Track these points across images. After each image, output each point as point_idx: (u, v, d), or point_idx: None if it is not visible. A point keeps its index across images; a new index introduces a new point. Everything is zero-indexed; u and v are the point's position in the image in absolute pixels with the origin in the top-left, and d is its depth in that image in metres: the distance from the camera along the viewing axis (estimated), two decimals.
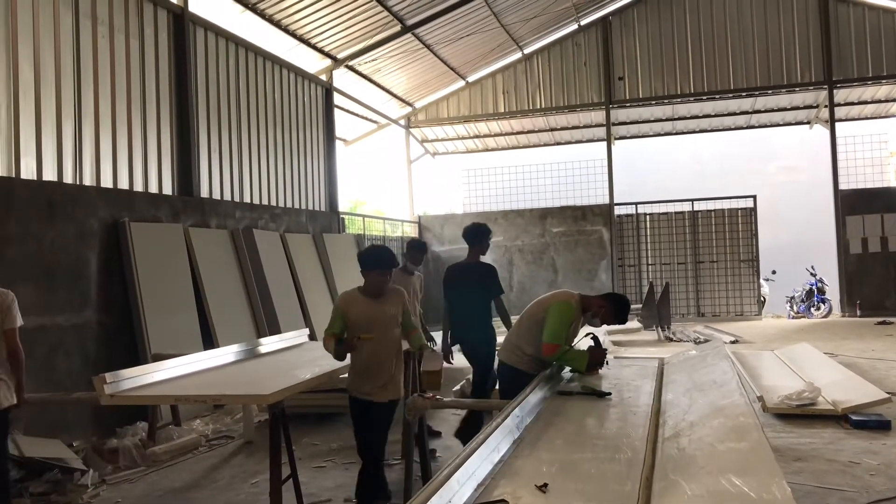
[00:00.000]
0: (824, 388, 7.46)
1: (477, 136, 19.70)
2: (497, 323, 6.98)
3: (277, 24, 11.70)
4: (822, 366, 8.94)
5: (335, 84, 14.03)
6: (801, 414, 7.04)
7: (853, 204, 16.08)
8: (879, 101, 17.63)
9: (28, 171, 7.22)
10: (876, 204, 16.02)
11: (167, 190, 9.25)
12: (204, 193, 9.89)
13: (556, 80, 17.83)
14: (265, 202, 11.45)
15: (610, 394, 4.46)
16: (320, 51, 13.17)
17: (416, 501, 2.45)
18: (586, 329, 5.32)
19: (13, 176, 7.03)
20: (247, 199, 10.93)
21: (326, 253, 11.95)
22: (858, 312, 15.77)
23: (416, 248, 7.70)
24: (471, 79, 18.10)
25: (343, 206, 14.27)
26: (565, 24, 17.41)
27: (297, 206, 12.43)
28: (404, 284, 6.49)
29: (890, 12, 15.94)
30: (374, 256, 4.67)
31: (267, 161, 11.57)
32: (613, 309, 5.25)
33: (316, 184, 13.23)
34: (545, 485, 2.82)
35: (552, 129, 19.29)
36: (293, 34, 12.18)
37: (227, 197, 10.45)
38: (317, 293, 11.29)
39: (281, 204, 11.92)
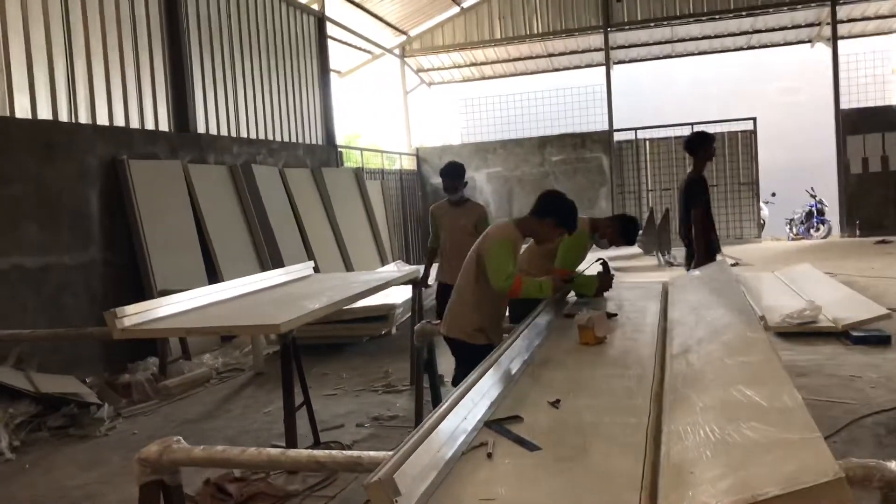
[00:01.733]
0: (825, 307, 7.56)
1: (473, 65, 19.36)
2: None
3: None
4: (822, 285, 9.03)
5: (327, 13, 13.71)
6: (803, 332, 7.15)
7: (854, 123, 15.94)
8: (883, 17, 17.24)
9: (22, 111, 7.13)
10: (877, 122, 15.87)
11: (164, 126, 9.15)
12: (201, 129, 9.78)
13: (552, 3, 17.41)
14: (262, 137, 11.34)
15: (616, 314, 4.51)
16: None
17: (435, 416, 2.51)
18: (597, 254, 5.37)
19: (8, 115, 6.94)
20: (244, 135, 10.82)
21: (326, 187, 11.89)
22: (858, 232, 15.83)
23: (449, 174, 6.40)
24: (466, 4, 17.68)
25: (339, 139, 14.13)
26: None
27: (294, 140, 12.31)
28: (455, 217, 6.16)
29: None
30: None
31: (262, 95, 11.41)
32: (621, 229, 5.29)
33: (312, 117, 13.07)
34: (557, 401, 2.88)
35: (550, 55, 18.95)
36: None
37: (224, 132, 10.34)
38: (318, 227, 11.30)
39: (278, 138, 11.81)
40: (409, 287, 6.68)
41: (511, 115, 18.81)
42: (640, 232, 15.17)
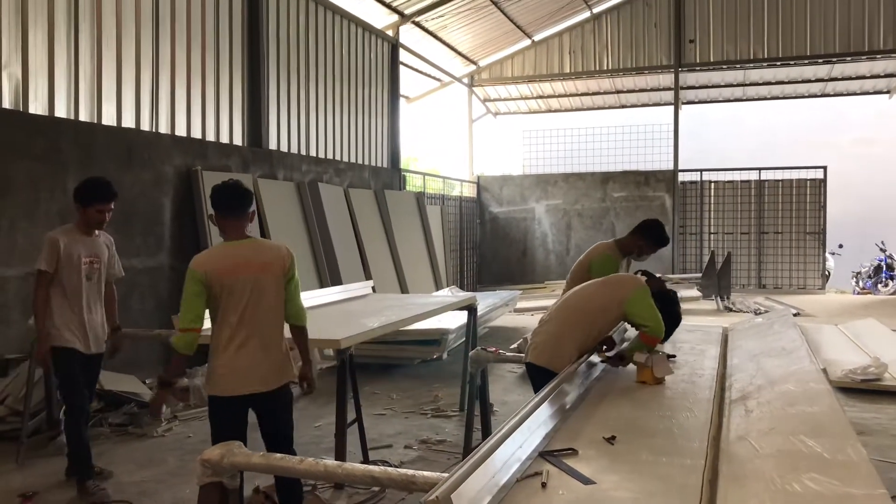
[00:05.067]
0: (891, 364, 7.31)
1: (540, 97, 19.46)
2: None
3: None
4: (888, 342, 8.74)
5: (401, 40, 14.01)
6: (866, 389, 6.92)
7: None
8: None
9: (109, 118, 7.47)
10: None
11: (237, 140, 9.45)
12: (272, 145, 10.07)
13: (624, 40, 17.42)
14: (330, 156, 11.60)
15: (674, 356, 4.47)
16: (388, 6, 13.14)
17: (492, 442, 2.54)
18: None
19: (95, 122, 7.29)
20: (313, 153, 11.09)
21: (387, 209, 12.07)
22: None
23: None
24: (537, 38, 17.83)
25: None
26: None
27: (360, 161, 12.56)
28: None
29: None
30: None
31: (333, 116, 11.69)
32: (649, 239, 5.17)
33: (379, 140, 13.32)
34: (613, 437, 2.88)
35: (618, 92, 18.94)
36: None
37: (294, 150, 10.62)
38: (377, 248, 11.45)
39: (345, 159, 12.06)
40: (464, 313, 6.71)
41: (575, 148, 18.80)
42: (701, 275, 14.99)
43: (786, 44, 16.37)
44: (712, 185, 17.12)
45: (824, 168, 16.35)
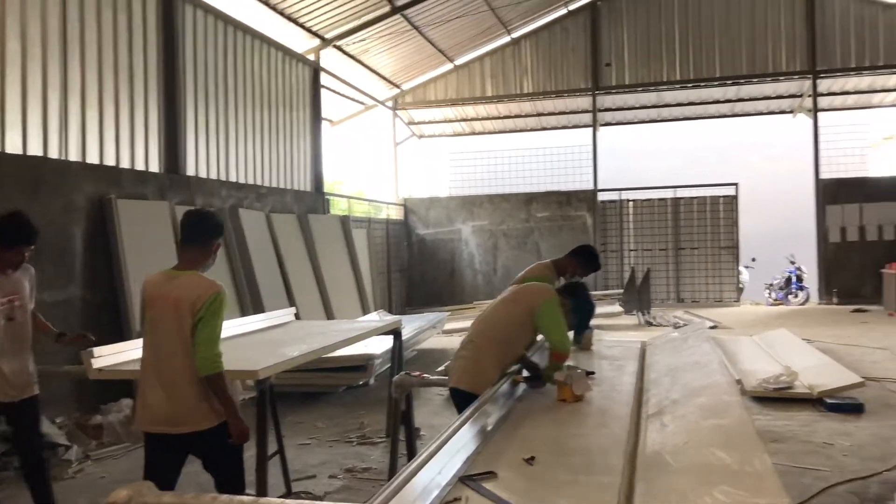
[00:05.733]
0: (801, 373, 7.62)
1: (464, 120, 19.68)
2: None
3: (266, 3, 11.60)
4: (799, 351, 9.11)
5: (322, 64, 13.96)
6: (779, 397, 7.19)
7: (833, 193, 16.28)
8: (862, 92, 17.79)
9: (13, 146, 7.16)
10: (855, 193, 16.22)
11: (154, 167, 9.20)
12: (190, 171, 9.84)
13: (543, 64, 17.83)
14: (251, 181, 11.41)
15: (594, 373, 4.54)
16: (308, 30, 13.09)
17: (407, 472, 2.52)
18: None
19: None
20: (233, 178, 10.89)
21: (311, 233, 11.94)
22: (835, 300, 16.01)
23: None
24: (459, 62, 18.06)
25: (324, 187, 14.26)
26: (553, 9, 17.39)
27: (282, 185, 12.40)
28: None
29: (873, 3, 16.08)
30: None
31: (253, 140, 11.53)
32: (584, 262, 5.33)
33: (302, 164, 13.19)
34: (532, 458, 2.89)
35: (539, 114, 19.32)
36: (281, 13, 12.09)
37: (214, 175, 10.41)
38: (301, 274, 11.29)
39: (266, 183, 11.89)
40: (390, 337, 6.67)
41: (499, 170, 19.06)
42: (622, 291, 15.35)
43: (696, 67, 17.06)
44: (631, 203, 17.61)
45: (736, 185, 17.04)
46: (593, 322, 12.16)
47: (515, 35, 17.69)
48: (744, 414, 3.01)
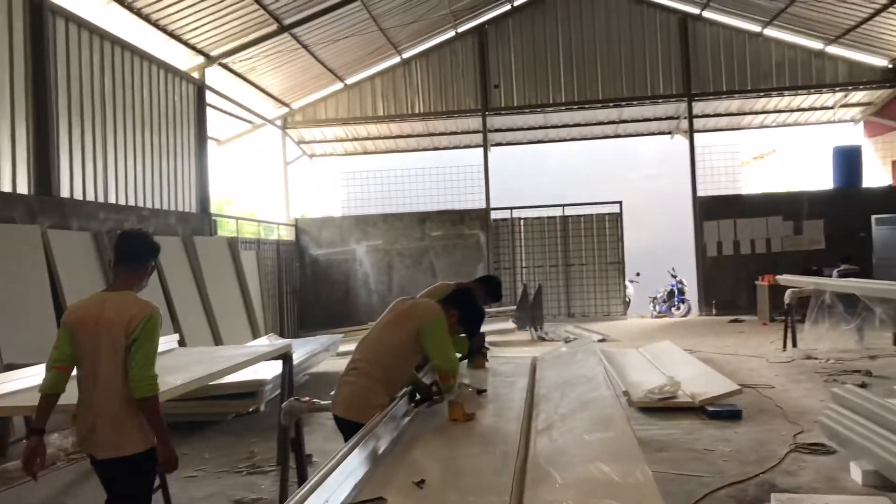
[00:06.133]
0: (684, 383, 7.93)
1: (356, 139, 19.60)
2: None
3: (146, 19, 11.17)
4: (681, 361, 9.50)
5: (208, 82, 13.56)
6: (663, 407, 7.46)
7: (709, 209, 17.19)
8: (733, 114, 18.97)
9: None
10: (729, 210, 17.20)
11: (22, 189, 8.63)
12: (64, 193, 9.30)
13: (433, 85, 18.02)
14: (132, 203, 10.90)
15: (486, 390, 4.56)
16: (192, 48, 12.70)
17: (295, 499, 2.43)
18: None
19: None
20: (112, 200, 10.37)
21: (197, 256, 11.52)
22: (714, 312, 16.86)
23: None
24: (349, 81, 17.99)
25: (212, 206, 13.82)
26: (442, 31, 17.64)
27: (165, 207, 11.91)
28: None
29: (742, 32, 17.18)
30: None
31: (134, 160, 11.03)
32: (488, 290, 5.43)
33: (186, 184, 12.73)
34: (422, 481, 2.86)
35: (431, 134, 19.50)
36: (163, 29, 11.67)
37: (91, 197, 9.88)
38: (186, 298, 10.86)
39: (149, 205, 11.40)
40: (280, 362, 6.48)
41: (392, 189, 19.08)
42: (516, 307, 15.61)
43: (581, 89, 17.69)
44: (522, 221, 18.00)
45: (620, 203, 17.74)
46: (488, 339, 12.28)
47: (406, 56, 17.82)
48: (626, 426, 3.09)
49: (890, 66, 16.70)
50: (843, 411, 5.55)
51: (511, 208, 18.03)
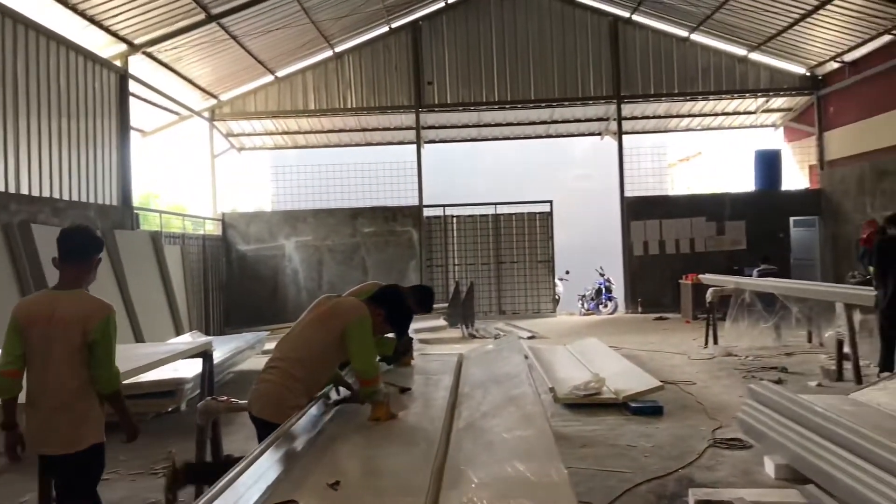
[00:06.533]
0: (608, 379, 8.05)
1: (286, 133, 19.25)
2: None
3: (64, 2, 10.69)
4: (607, 358, 9.66)
5: (131, 71, 13.09)
6: (588, 403, 7.55)
7: (637, 210, 17.55)
8: (660, 117, 19.39)
9: None
10: (656, 210, 17.61)
11: None
12: None
13: (367, 80, 17.85)
14: (46, 194, 10.42)
15: (410, 388, 4.51)
16: (115, 34, 12.21)
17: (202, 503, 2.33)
18: None
19: None
20: (24, 191, 9.89)
21: (118, 251, 11.11)
22: (640, 309, 17.23)
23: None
24: (280, 74, 17.65)
25: (136, 199, 13.36)
26: (376, 26, 17.48)
27: (84, 199, 11.44)
28: None
29: (670, 36, 17.58)
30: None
31: (50, 149, 10.54)
32: (419, 299, 5.38)
33: (107, 176, 12.26)
34: (337, 482, 2.78)
35: (363, 130, 19.31)
36: (83, 14, 11.17)
37: (0, 188, 9.40)
38: (106, 294, 10.45)
39: (65, 196, 10.92)
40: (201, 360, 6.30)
41: (324, 184, 18.83)
42: (447, 305, 15.62)
43: (513, 89, 17.80)
44: (455, 219, 18.02)
45: (550, 202, 17.93)
46: (421, 336, 12.20)
47: (339, 49, 17.59)
48: (545, 424, 3.09)
49: (808, 74, 17.35)
50: (759, 407, 5.72)
51: (444, 206, 18.03)
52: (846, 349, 8.50)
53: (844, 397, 5.95)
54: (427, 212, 17.87)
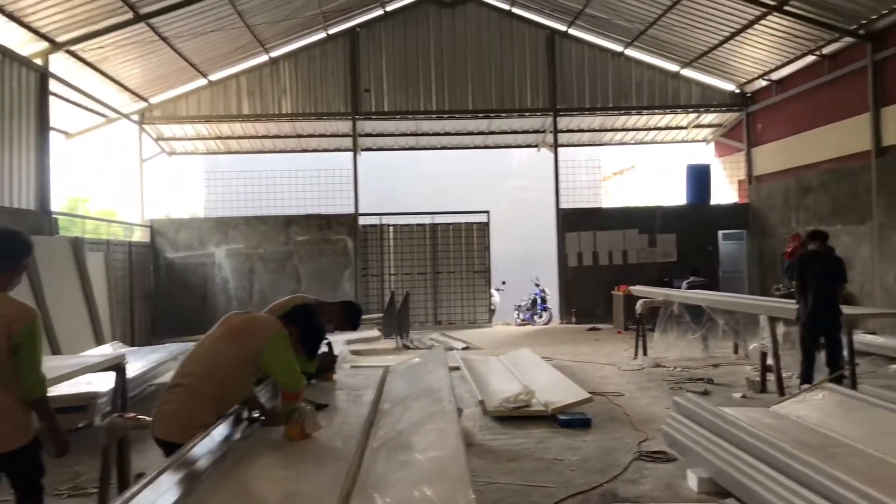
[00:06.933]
0: (538, 391, 8.01)
1: (219, 138, 18.80)
2: None
3: None
4: (538, 369, 9.64)
5: (53, 69, 12.56)
6: (518, 416, 7.49)
7: (571, 221, 17.72)
8: (595, 130, 19.65)
9: None
10: (590, 222, 17.80)
11: None
12: None
13: (303, 86, 17.58)
14: None
15: (327, 405, 4.36)
16: (35, 31, 11.67)
17: None
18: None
19: None
20: None
21: (34, 258, 10.58)
22: (574, 320, 17.37)
23: None
24: (213, 77, 17.23)
25: (62, 204, 12.79)
26: (313, 32, 17.25)
27: None
28: None
29: (606, 51, 17.85)
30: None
31: None
32: (346, 315, 5.36)
33: (24, 179, 11.69)
34: None
35: (299, 136, 19.01)
36: (0, 9, 10.68)
37: None
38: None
39: None
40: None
41: (257, 191, 18.39)
42: (382, 315, 15.44)
43: (452, 98, 17.78)
44: (391, 228, 17.86)
45: (487, 212, 17.95)
46: (354, 347, 12.00)
47: (274, 55, 17.28)
48: (459, 445, 2.98)
49: (738, 91, 17.83)
50: (683, 420, 5.74)
51: (380, 214, 17.85)
52: (770, 361, 8.67)
53: (766, 410, 6.02)
54: (363, 220, 17.66)
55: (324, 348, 5.23)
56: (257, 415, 3.98)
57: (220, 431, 3.57)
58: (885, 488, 3.39)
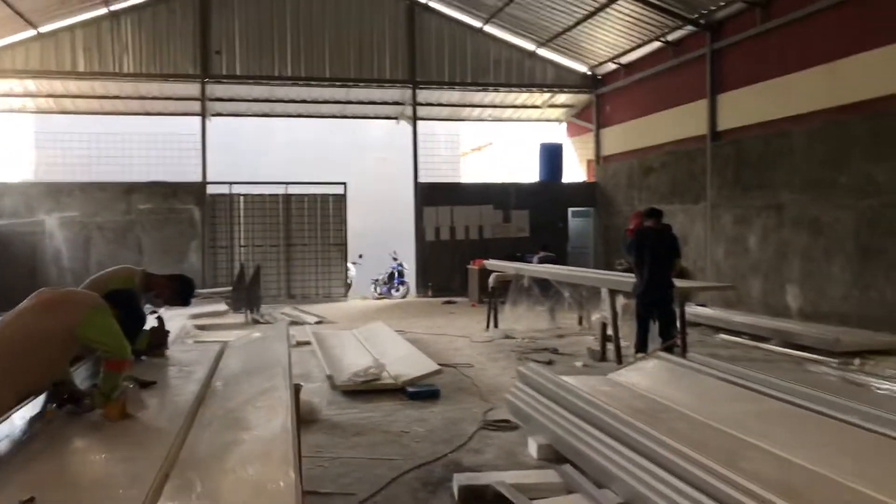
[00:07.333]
0: (390, 364, 7.97)
1: (51, 96, 17.27)
2: None
3: None
4: (391, 342, 9.62)
5: None
6: (367, 389, 7.41)
7: (430, 196, 17.77)
8: (454, 105, 19.73)
9: None
10: (447, 197, 17.94)
11: None
12: None
13: (147, 45, 16.42)
14: None
15: (155, 382, 4.06)
16: None
17: None
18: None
19: None
20: None
21: None
22: (430, 293, 17.50)
23: None
24: (44, 29, 15.73)
25: None
26: None
27: None
28: None
29: (465, 26, 17.91)
30: None
31: None
32: (178, 289, 5.11)
33: None
34: (31, 498, 2.35)
35: (142, 98, 17.80)
36: None
37: None
38: None
39: None
40: None
41: (95, 155, 17.11)
42: (231, 289, 14.85)
43: (308, 65, 17.24)
44: (242, 198, 17.16)
45: (344, 184, 17.62)
46: (199, 321, 11.52)
47: (114, 7, 15.99)
48: (287, 424, 2.83)
49: (589, 73, 18.46)
50: (525, 388, 5.87)
51: (230, 183, 17.09)
52: (609, 332, 9.07)
53: (604, 378, 6.26)
54: (211, 189, 16.82)
55: (154, 322, 4.94)
56: (66, 397, 3.62)
57: (23, 413, 3.22)
58: (706, 450, 3.57)
